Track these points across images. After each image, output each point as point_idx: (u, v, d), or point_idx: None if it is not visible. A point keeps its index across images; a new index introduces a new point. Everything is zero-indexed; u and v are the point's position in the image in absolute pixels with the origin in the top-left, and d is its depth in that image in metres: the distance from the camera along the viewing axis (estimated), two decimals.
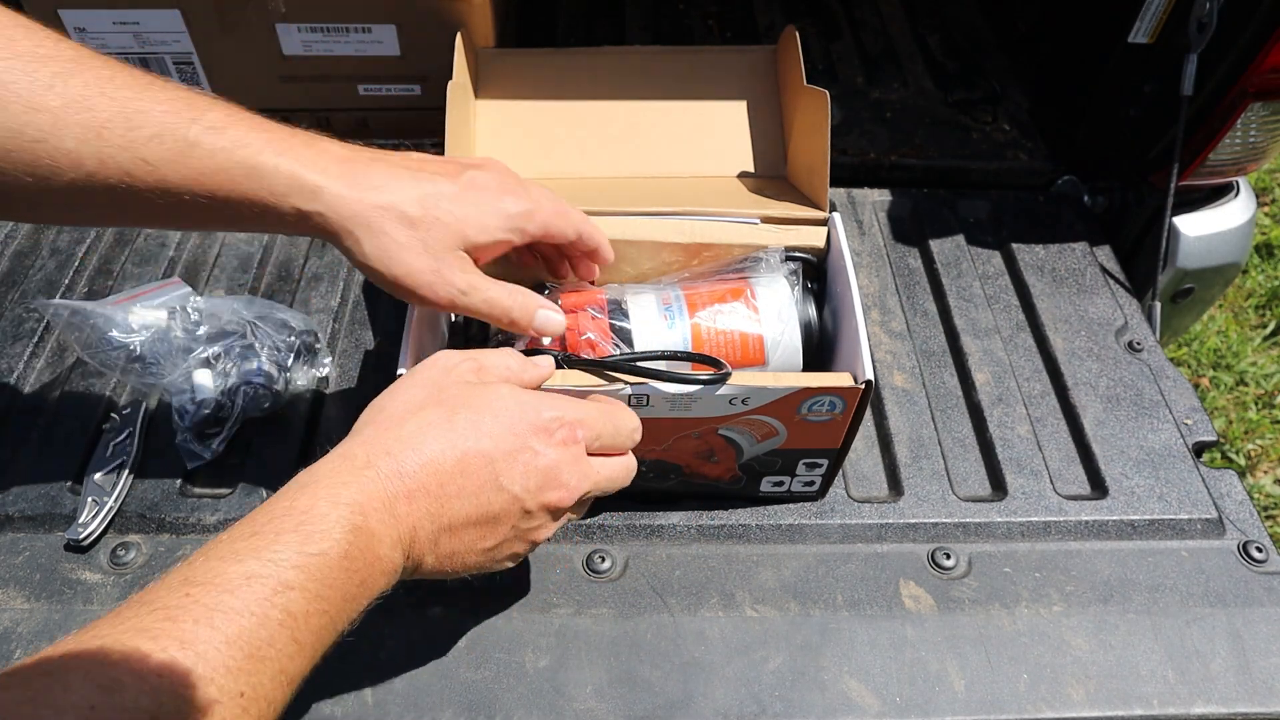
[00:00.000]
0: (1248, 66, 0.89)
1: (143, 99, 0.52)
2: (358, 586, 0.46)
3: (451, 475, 0.50)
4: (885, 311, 0.95)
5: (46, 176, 0.51)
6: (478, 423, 0.51)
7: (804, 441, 0.69)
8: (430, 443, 0.50)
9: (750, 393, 0.63)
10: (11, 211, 0.54)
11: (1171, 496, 0.79)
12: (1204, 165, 0.99)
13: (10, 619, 0.68)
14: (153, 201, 0.54)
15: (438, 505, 0.50)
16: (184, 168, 0.53)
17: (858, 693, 0.66)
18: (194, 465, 0.77)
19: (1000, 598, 0.72)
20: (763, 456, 0.71)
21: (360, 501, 0.47)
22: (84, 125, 0.50)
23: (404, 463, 0.49)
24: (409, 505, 0.49)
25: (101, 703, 0.36)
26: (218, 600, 0.41)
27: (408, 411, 0.52)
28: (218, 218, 0.56)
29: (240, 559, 0.43)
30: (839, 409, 0.65)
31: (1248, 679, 0.68)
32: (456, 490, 0.50)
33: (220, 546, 0.44)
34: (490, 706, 0.65)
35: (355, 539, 0.46)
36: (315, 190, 0.56)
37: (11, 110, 0.49)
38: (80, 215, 0.58)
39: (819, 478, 0.74)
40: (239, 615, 0.41)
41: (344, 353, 0.88)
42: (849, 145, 1.13)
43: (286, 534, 0.44)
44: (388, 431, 0.51)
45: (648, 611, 0.70)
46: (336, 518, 0.46)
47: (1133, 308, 0.96)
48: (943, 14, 1.36)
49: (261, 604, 0.42)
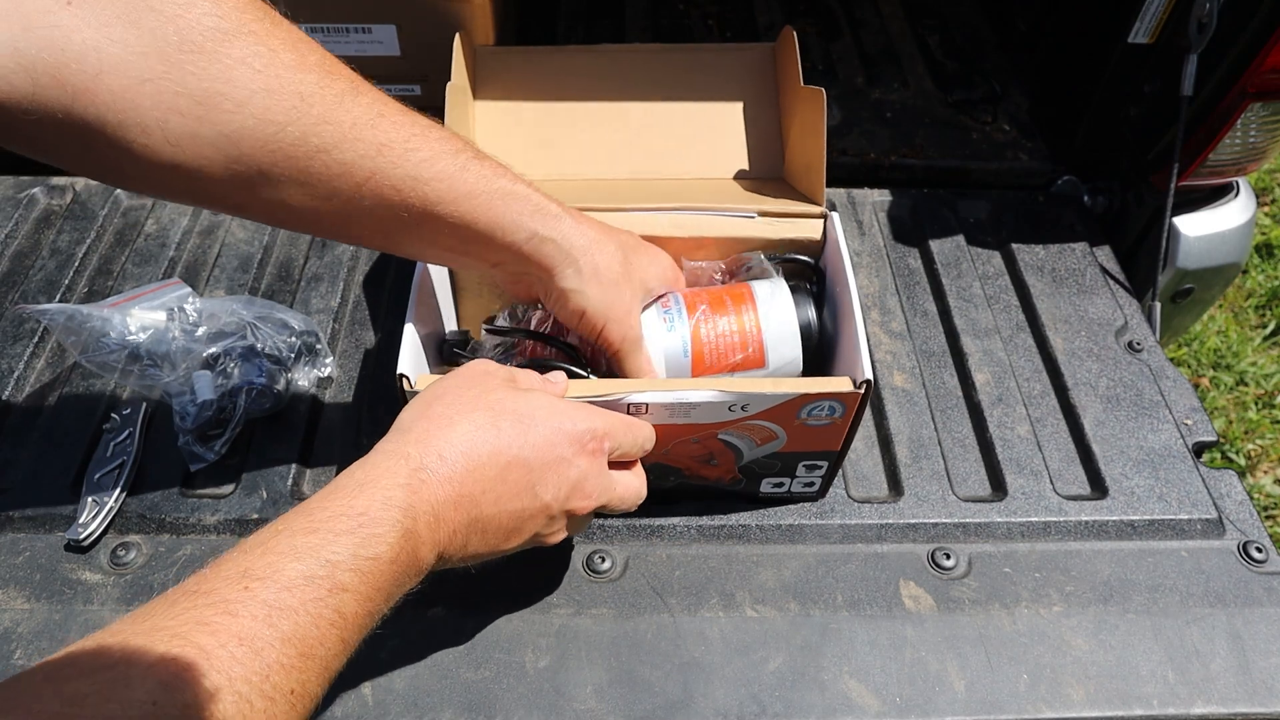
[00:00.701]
0: (1248, 66, 0.89)
1: (417, 127, 0.57)
2: (397, 587, 0.48)
3: (494, 481, 0.52)
4: (885, 311, 0.95)
5: (314, 184, 0.54)
6: (522, 430, 0.54)
7: (804, 445, 0.69)
8: (479, 447, 0.52)
9: (749, 399, 0.63)
10: (262, 209, 0.56)
11: (1171, 496, 0.79)
12: (1204, 165, 0.99)
13: (10, 619, 0.68)
14: (403, 219, 0.58)
15: (477, 510, 0.52)
16: (448, 188, 0.57)
17: (858, 693, 0.66)
18: (197, 467, 0.77)
19: (1000, 598, 0.72)
20: (762, 459, 0.71)
21: (412, 505, 0.49)
22: (367, 142, 0.54)
23: (454, 467, 0.51)
24: (454, 511, 0.51)
25: (164, 699, 0.37)
26: (277, 597, 0.42)
27: (457, 412, 0.53)
28: (448, 239, 0.60)
29: (299, 556, 0.44)
30: (839, 413, 0.65)
31: (1248, 679, 0.68)
32: (495, 496, 0.52)
33: (279, 540, 0.45)
34: (490, 706, 0.65)
35: (404, 543, 0.48)
36: (557, 217, 0.62)
37: (307, 120, 0.51)
38: (319, 223, 0.59)
39: (819, 479, 0.74)
40: (295, 614, 0.42)
41: (344, 353, 0.88)
42: (849, 145, 1.13)
43: (344, 535, 0.46)
44: (439, 433, 0.52)
45: (648, 611, 0.70)
46: (391, 522, 0.47)
47: (1133, 308, 0.96)
48: (943, 14, 1.36)
49: (317, 604, 0.43)
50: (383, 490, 0.48)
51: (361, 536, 0.46)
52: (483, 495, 0.52)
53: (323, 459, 0.80)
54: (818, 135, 0.75)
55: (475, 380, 0.57)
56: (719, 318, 0.69)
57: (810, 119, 0.77)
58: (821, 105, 0.74)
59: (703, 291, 0.72)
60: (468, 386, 0.56)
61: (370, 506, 0.47)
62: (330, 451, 0.80)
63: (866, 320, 0.93)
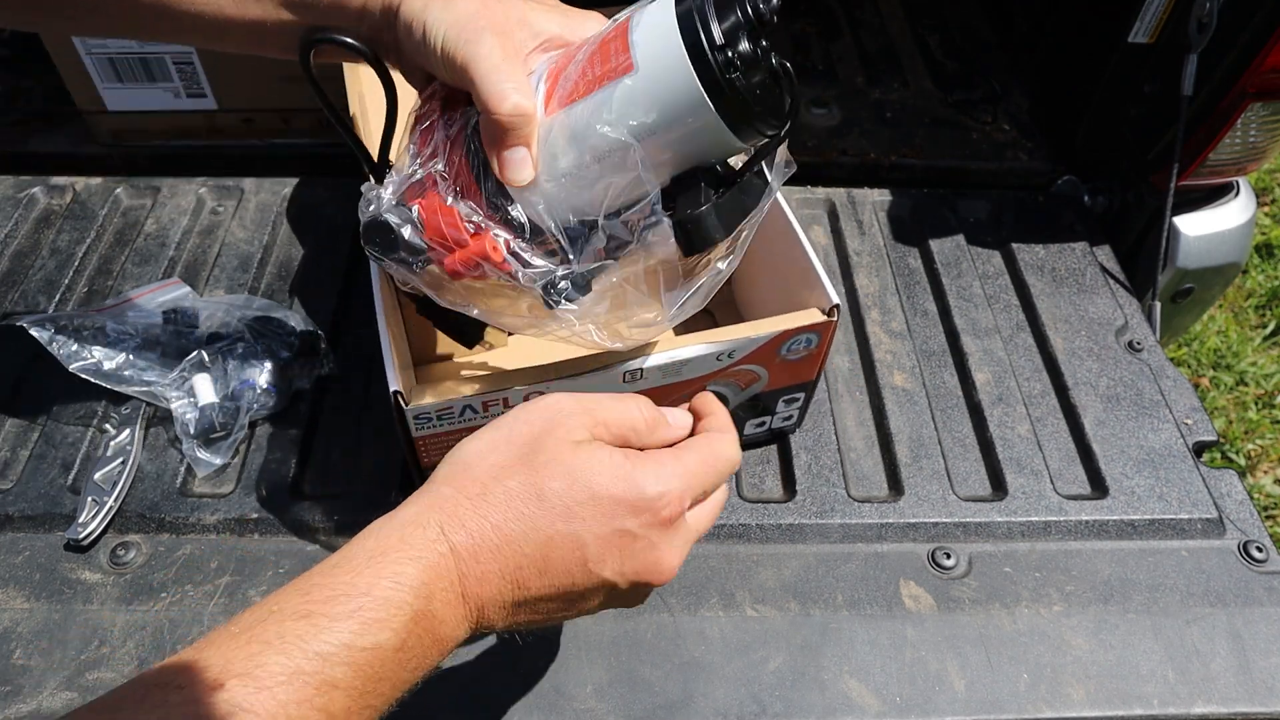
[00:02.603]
0: (1248, 66, 0.89)
1: None
2: (410, 673, 0.43)
3: (533, 559, 0.45)
4: (885, 311, 0.95)
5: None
6: (569, 501, 0.45)
7: (783, 380, 0.72)
8: (513, 521, 0.45)
9: (735, 346, 0.66)
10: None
11: (1171, 496, 0.79)
12: (1204, 165, 0.99)
13: (10, 619, 0.68)
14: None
15: (513, 587, 0.45)
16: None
17: (858, 692, 0.66)
18: (206, 473, 0.77)
19: (1000, 597, 0.72)
20: (746, 403, 0.73)
21: (427, 583, 0.42)
22: None
23: (481, 541, 0.44)
24: (480, 588, 0.44)
25: None
26: (252, 700, 0.37)
27: (492, 476, 0.46)
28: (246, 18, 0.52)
29: (285, 648, 0.39)
30: (814, 343, 0.69)
31: (1248, 679, 0.68)
32: (537, 572, 0.45)
33: (268, 625, 0.40)
34: (490, 706, 0.65)
35: (415, 627, 0.42)
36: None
37: None
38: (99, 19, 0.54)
39: (796, 410, 0.78)
40: (272, 718, 0.37)
41: (345, 353, 0.88)
42: (849, 145, 1.13)
43: (341, 621, 0.40)
44: (467, 500, 0.45)
45: (648, 611, 0.70)
46: (399, 604, 0.41)
47: (1133, 308, 0.96)
48: (943, 14, 1.36)
49: (300, 705, 0.38)
50: (392, 565, 0.42)
51: (361, 621, 0.40)
52: (519, 572, 0.45)
53: (322, 459, 0.80)
54: None
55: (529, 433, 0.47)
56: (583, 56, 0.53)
57: None
58: None
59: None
60: (512, 443, 0.47)
61: (375, 584, 0.41)
62: (330, 451, 0.80)
63: (866, 319, 0.93)
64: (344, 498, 0.76)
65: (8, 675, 0.64)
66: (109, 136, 1.08)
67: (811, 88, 1.22)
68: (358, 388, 0.85)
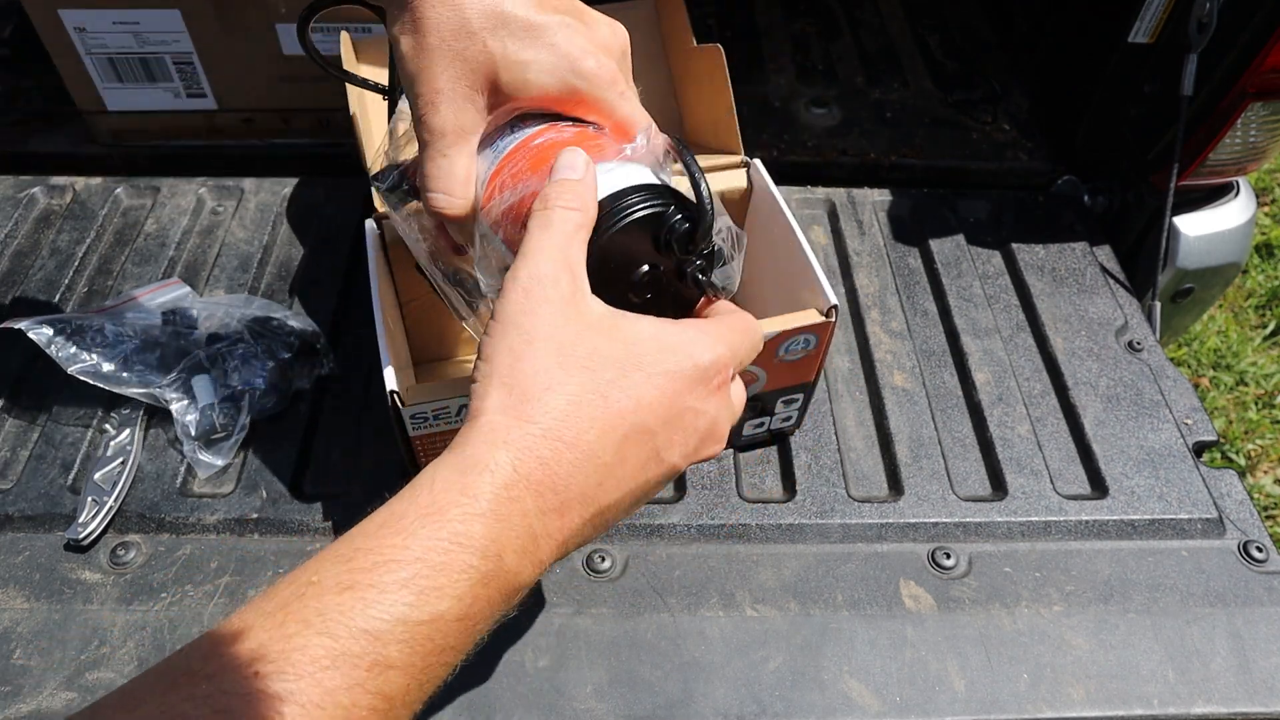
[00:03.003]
0: (1248, 66, 0.89)
1: None
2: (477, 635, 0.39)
3: (612, 467, 0.41)
4: (885, 311, 0.95)
5: None
6: (636, 392, 0.41)
7: (782, 381, 0.72)
8: (585, 433, 0.40)
9: None
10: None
11: (1171, 496, 0.79)
12: (1204, 165, 0.99)
13: (10, 618, 0.68)
14: None
15: (594, 507, 0.41)
16: None
17: (858, 693, 0.66)
18: (208, 475, 0.77)
19: (1000, 597, 0.72)
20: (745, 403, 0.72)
21: (497, 539, 0.38)
22: None
23: (557, 467, 0.40)
24: (560, 519, 0.40)
25: None
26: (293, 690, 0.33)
27: (545, 385, 0.40)
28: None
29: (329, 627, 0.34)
30: (813, 344, 0.69)
31: (1248, 679, 0.68)
32: (616, 482, 0.42)
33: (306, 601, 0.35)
34: (490, 706, 0.65)
35: (483, 590, 0.38)
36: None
37: None
38: None
39: (795, 411, 0.77)
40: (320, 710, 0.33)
41: (345, 353, 0.88)
42: (849, 145, 1.13)
43: (391, 592, 0.35)
44: (531, 420, 0.40)
45: (648, 611, 0.70)
46: (461, 568, 0.37)
47: (1133, 307, 0.96)
48: (943, 14, 1.36)
49: (351, 691, 0.34)
50: (454, 525, 0.37)
51: (417, 590, 0.36)
52: (600, 487, 0.41)
53: (323, 459, 0.80)
54: (723, 90, 0.75)
55: (549, 320, 0.42)
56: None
57: (712, 75, 0.76)
58: (722, 61, 0.74)
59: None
60: (546, 339, 0.41)
61: (432, 550, 0.36)
62: (330, 451, 0.80)
63: (866, 319, 0.93)
64: (344, 498, 0.76)
65: (7, 675, 0.64)
66: (109, 136, 1.08)
67: (811, 88, 1.22)
68: (358, 388, 0.85)
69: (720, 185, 0.77)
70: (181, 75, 1.02)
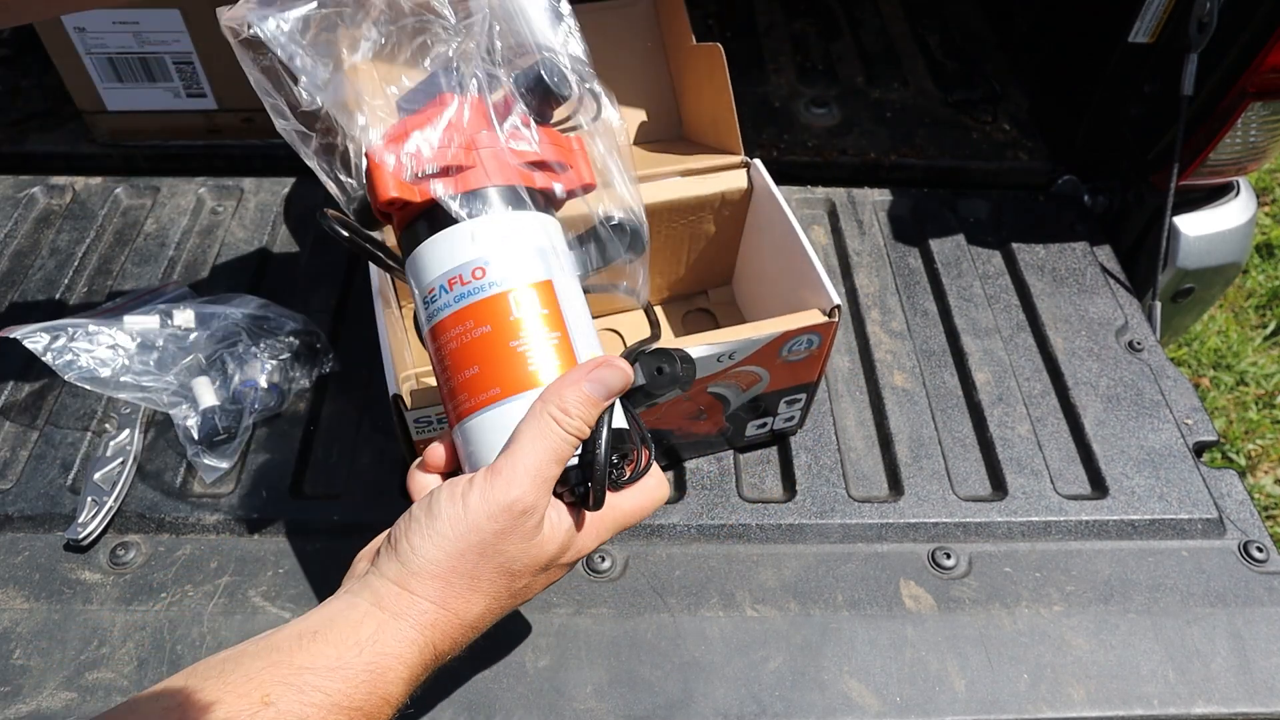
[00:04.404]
0: (1248, 66, 0.89)
1: None
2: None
3: (490, 610, 0.49)
4: (885, 311, 0.95)
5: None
6: (525, 568, 0.48)
7: (785, 381, 0.72)
8: (490, 601, 0.48)
9: (736, 347, 0.66)
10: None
11: (1172, 496, 0.79)
12: (1204, 165, 0.99)
13: (10, 618, 0.68)
14: None
15: (472, 628, 0.48)
16: None
17: (858, 692, 0.66)
18: (214, 478, 0.77)
19: (1000, 597, 0.72)
20: (748, 404, 0.73)
21: (413, 679, 0.45)
22: None
23: (461, 632, 0.47)
24: (449, 648, 0.47)
25: None
26: None
27: (476, 588, 0.47)
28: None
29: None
30: (815, 344, 0.69)
31: (1248, 679, 0.68)
32: (485, 611, 0.48)
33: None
34: (490, 706, 0.64)
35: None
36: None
37: None
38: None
39: (798, 411, 0.77)
40: None
41: (345, 352, 0.88)
42: (849, 145, 1.13)
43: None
44: (451, 615, 0.47)
45: (648, 611, 0.70)
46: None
47: (1133, 307, 0.96)
48: (943, 14, 1.36)
49: None
50: (386, 684, 0.44)
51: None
52: (483, 619, 0.49)
53: (322, 459, 0.80)
54: (723, 89, 0.75)
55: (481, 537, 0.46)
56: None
57: (712, 74, 0.76)
58: (722, 60, 0.74)
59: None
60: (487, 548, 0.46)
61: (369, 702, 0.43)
62: (330, 451, 0.80)
63: (867, 319, 0.93)
64: (344, 498, 0.76)
65: (7, 675, 0.64)
66: (108, 136, 1.08)
67: (811, 88, 1.22)
68: (358, 388, 0.85)
69: (720, 185, 0.77)
70: (181, 75, 1.02)
